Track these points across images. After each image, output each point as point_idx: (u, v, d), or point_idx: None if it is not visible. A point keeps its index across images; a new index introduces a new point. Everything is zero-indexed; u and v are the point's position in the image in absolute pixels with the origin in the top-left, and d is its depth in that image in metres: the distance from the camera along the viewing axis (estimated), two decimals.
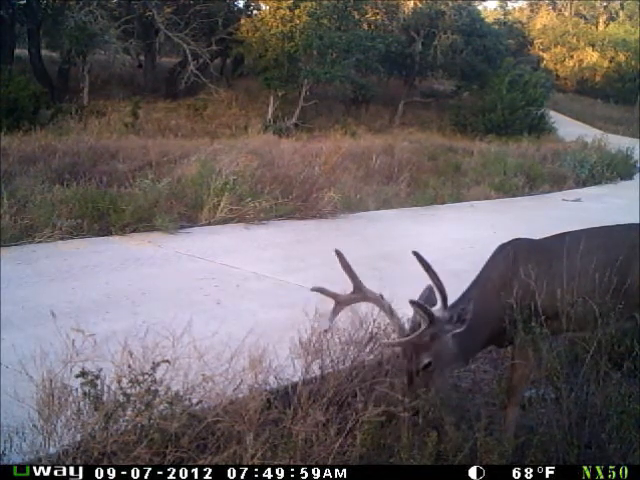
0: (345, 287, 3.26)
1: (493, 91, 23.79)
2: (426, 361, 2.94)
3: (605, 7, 44.37)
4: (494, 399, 3.28)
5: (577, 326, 2.96)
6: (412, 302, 2.87)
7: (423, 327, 2.89)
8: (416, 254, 2.90)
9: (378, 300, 3.13)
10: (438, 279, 2.90)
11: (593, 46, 38.10)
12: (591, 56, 37.60)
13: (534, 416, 3.06)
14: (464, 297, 3.09)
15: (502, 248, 3.23)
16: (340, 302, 3.12)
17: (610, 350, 3.32)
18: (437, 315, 2.90)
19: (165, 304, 5.06)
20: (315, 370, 3.21)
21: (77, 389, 2.60)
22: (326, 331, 3.13)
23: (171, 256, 6.64)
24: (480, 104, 23.97)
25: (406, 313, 3.37)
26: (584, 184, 14.11)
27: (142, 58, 23.97)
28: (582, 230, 3.28)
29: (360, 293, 3.13)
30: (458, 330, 2.90)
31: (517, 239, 3.26)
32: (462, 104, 25.63)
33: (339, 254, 3.11)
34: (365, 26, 23.13)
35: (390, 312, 3.09)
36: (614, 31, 39.00)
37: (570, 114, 30.46)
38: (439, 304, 2.95)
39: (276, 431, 2.67)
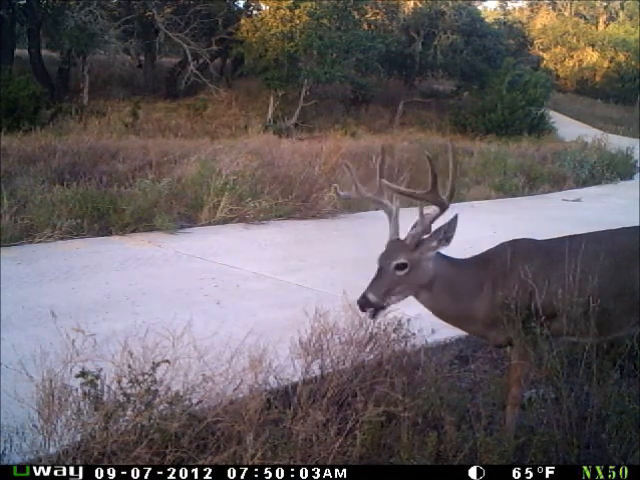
0: (345, 287, 3.27)
1: (493, 91, 23.82)
2: (403, 260, 2.97)
3: (605, 7, 44.37)
4: (494, 399, 3.28)
5: (579, 332, 2.94)
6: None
7: (419, 227, 3.00)
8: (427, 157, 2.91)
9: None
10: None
11: (593, 46, 38.10)
12: (591, 56, 37.61)
13: (534, 416, 3.05)
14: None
15: (502, 245, 3.22)
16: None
17: (610, 350, 3.32)
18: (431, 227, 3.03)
19: (165, 304, 5.06)
20: (315, 370, 3.21)
21: (77, 389, 2.60)
22: None
23: (171, 256, 6.64)
24: (480, 104, 23.99)
25: (405, 313, 3.38)
26: (584, 184, 14.08)
27: (142, 58, 23.99)
28: (585, 233, 3.27)
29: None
30: (441, 247, 3.00)
31: (519, 239, 3.25)
32: (462, 104, 25.67)
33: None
34: (365, 26, 23.16)
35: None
36: (614, 31, 39.02)
37: (570, 114, 30.43)
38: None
39: (276, 431, 2.67)
